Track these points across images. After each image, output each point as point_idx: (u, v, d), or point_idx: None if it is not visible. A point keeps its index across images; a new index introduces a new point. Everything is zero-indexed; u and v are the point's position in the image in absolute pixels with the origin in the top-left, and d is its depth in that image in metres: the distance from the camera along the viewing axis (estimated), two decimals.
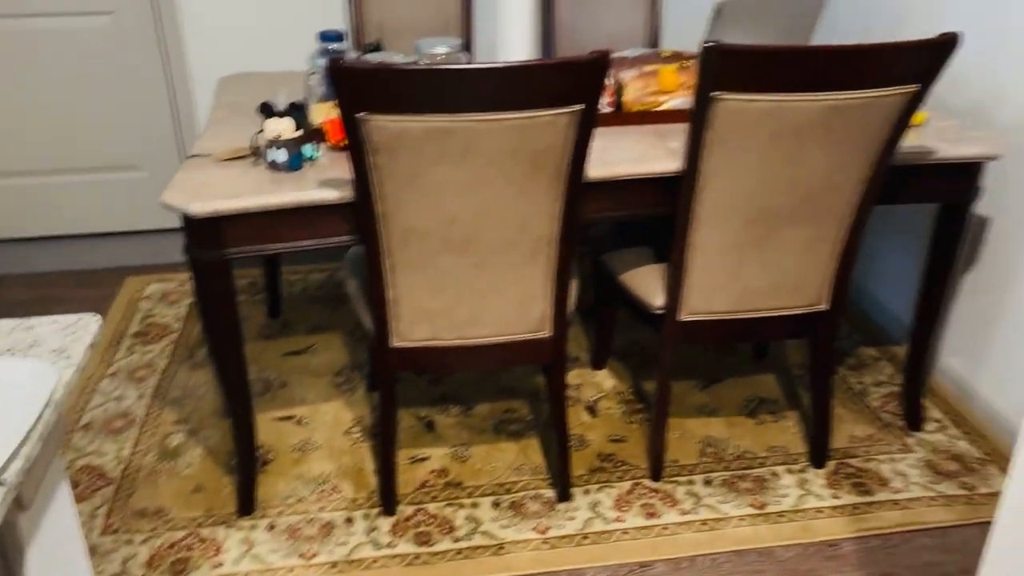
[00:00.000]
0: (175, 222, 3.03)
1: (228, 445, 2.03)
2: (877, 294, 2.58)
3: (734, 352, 2.41)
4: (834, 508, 1.85)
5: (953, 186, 1.83)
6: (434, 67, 1.35)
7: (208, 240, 1.55)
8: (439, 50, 1.92)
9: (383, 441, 1.78)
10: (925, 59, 1.49)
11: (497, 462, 1.99)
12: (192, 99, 2.91)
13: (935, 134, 1.84)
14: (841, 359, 2.39)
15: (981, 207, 2.09)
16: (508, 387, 2.26)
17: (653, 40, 2.77)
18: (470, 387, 2.26)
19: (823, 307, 1.83)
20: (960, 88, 2.14)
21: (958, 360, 2.22)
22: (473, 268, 1.59)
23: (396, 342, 1.68)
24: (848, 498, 1.88)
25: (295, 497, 1.87)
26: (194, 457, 2.00)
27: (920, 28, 2.29)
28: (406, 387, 2.25)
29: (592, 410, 2.18)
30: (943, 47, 1.48)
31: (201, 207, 1.50)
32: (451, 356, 1.72)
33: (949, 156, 1.76)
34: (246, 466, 1.82)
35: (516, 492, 1.89)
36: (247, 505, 1.83)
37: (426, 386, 2.26)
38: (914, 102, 1.55)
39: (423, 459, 1.99)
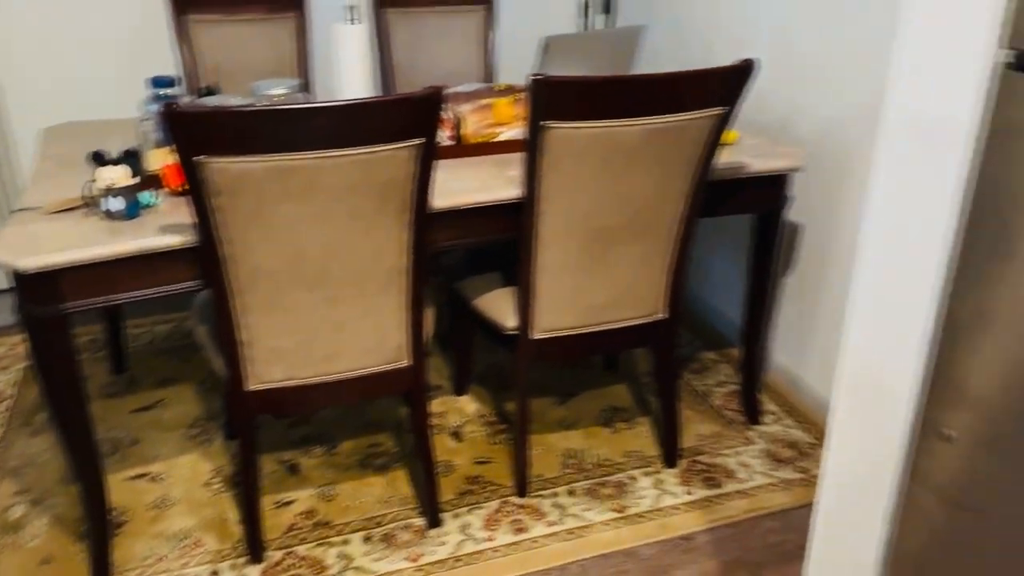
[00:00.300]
0: (1, 282, 2.84)
1: (77, 511, 1.92)
2: (712, 301, 2.77)
3: (587, 366, 2.52)
4: (688, 504, 1.97)
5: (765, 197, 2.01)
6: (272, 107, 1.37)
7: (42, 296, 1.49)
8: (277, 91, 1.93)
9: (245, 488, 1.74)
10: (728, 83, 1.65)
11: (365, 497, 1.98)
12: (12, 152, 2.76)
13: (746, 150, 2.03)
14: (684, 364, 2.55)
15: (793, 215, 2.31)
16: (372, 421, 2.26)
17: (488, 75, 2.88)
18: (333, 425, 2.25)
19: (662, 316, 1.96)
20: (766, 108, 2.36)
21: (787, 356, 2.42)
22: (326, 303, 1.61)
23: (251, 385, 1.66)
24: (700, 493, 2.00)
25: (155, 556, 1.80)
26: (40, 528, 1.88)
27: (728, 55, 2.51)
28: (266, 432, 2.21)
29: (457, 435, 2.22)
30: (743, 72, 1.65)
31: (33, 262, 1.44)
32: (310, 394, 1.71)
33: (759, 170, 1.95)
34: (98, 531, 1.73)
35: (386, 524, 1.90)
36: (102, 571, 1.74)
37: (287, 429, 2.23)
38: (723, 122, 1.70)
39: (289, 502, 1.96)
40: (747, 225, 2.51)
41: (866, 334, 1.06)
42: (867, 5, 1.98)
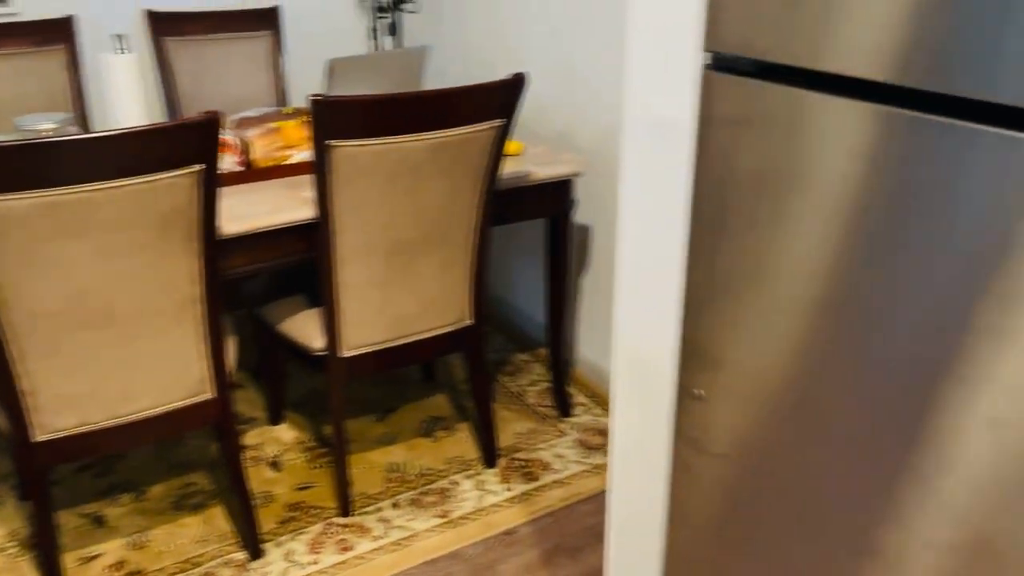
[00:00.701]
0: None
1: None
2: (519, 305, 2.89)
3: (404, 380, 2.56)
4: (509, 500, 2.05)
5: (552, 201, 2.14)
6: (33, 140, 1.31)
7: None
8: (44, 125, 1.83)
9: (43, 547, 1.64)
10: (503, 96, 1.75)
11: (181, 539, 1.91)
12: None
13: (531, 160, 2.14)
14: (499, 367, 2.64)
15: (584, 218, 2.46)
16: (183, 462, 2.18)
17: (281, 100, 2.86)
18: (141, 471, 2.14)
19: (469, 322, 2.03)
20: (548, 120, 2.50)
21: (591, 350, 2.57)
22: (116, 341, 1.55)
23: (39, 435, 1.56)
24: (519, 488, 2.09)
25: None
26: None
27: (510, 71, 2.64)
28: (66, 486, 2.08)
29: (276, 465, 2.18)
30: (516, 85, 1.75)
31: None
32: (108, 438, 1.63)
33: (544, 177, 2.07)
34: None
35: (205, 563, 1.84)
36: None
37: (91, 480, 2.11)
38: (503, 133, 1.80)
39: (95, 556, 1.86)
40: (541, 227, 2.64)
41: (631, 314, 1.17)
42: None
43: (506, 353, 2.74)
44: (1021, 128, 0.68)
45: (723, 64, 0.90)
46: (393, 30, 3.01)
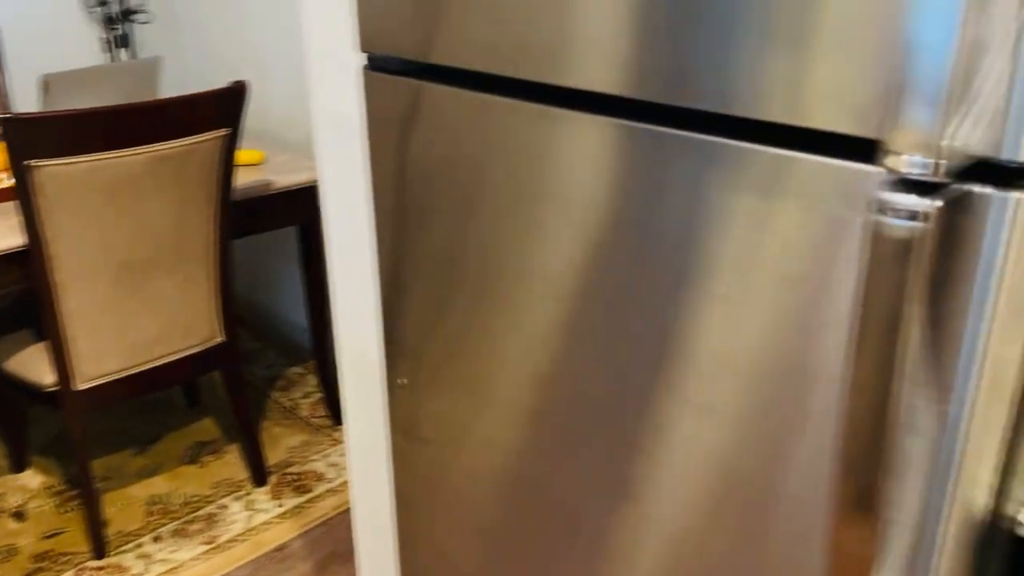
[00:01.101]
0: None
1: None
2: (289, 317, 2.83)
3: (167, 408, 2.43)
4: (280, 516, 2.01)
5: (300, 208, 2.11)
6: None
7: None
8: None
9: None
10: (225, 105, 1.71)
11: None
12: None
13: (274, 168, 2.11)
14: (271, 383, 2.57)
15: None
16: None
17: None
18: None
19: (220, 340, 1.96)
20: (297, 125, 2.47)
21: None
22: None
23: None
24: (291, 502, 2.05)
25: None
26: None
27: (254, 78, 2.58)
28: None
29: (20, 515, 2.01)
30: (237, 94, 1.72)
31: None
32: None
33: (287, 184, 2.04)
34: None
35: None
36: None
37: None
38: (230, 143, 1.76)
39: None
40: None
41: (343, 309, 1.18)
42: None
43: (278, 368, 2.67)
44: (719, 134, 0.69)
45: (379, 64, 0.93)
46: (125, 42, 2.85)
